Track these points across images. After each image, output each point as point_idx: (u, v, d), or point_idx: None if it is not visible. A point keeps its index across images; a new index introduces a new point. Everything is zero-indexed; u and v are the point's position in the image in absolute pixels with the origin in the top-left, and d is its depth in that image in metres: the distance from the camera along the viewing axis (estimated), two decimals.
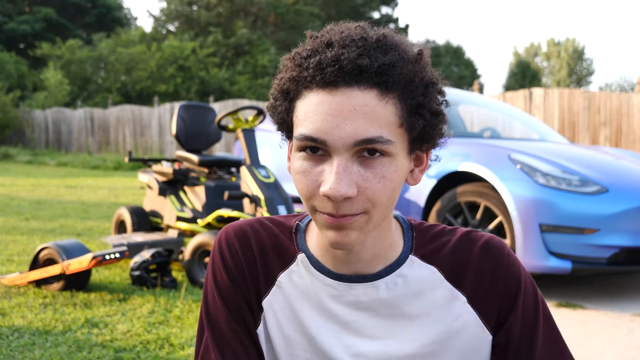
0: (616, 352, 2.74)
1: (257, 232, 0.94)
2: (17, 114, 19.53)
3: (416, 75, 0.78)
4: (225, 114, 4.06)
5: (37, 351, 2.46)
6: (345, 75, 0.75)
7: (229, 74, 23.32)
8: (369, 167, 0.77)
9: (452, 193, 3.88)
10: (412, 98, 0.78)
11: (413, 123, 0.78)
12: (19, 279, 3.44)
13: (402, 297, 0.88)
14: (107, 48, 24.31)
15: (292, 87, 0.81)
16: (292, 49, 0.84)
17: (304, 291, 0.90)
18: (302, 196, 0.81)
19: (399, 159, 0.79)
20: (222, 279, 0.93)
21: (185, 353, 2.49)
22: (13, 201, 7.88)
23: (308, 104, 0.78)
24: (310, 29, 0.85)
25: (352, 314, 0.88)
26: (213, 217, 3.83)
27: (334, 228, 0.79)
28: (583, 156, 4.12)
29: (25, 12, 29.29)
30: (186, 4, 27.35)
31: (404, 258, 0.90)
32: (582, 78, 46.95)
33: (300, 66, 0.79)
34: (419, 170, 0.87)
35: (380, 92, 0.76)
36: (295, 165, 0.81)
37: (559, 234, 3.42)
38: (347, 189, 0.75)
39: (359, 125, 0.75)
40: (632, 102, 9.20)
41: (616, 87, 45.09)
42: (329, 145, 0.76)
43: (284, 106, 0.83)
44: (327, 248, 0.88)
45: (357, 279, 0.88)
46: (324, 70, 0.76)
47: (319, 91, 0.77)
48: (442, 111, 0.82)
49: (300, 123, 0.79)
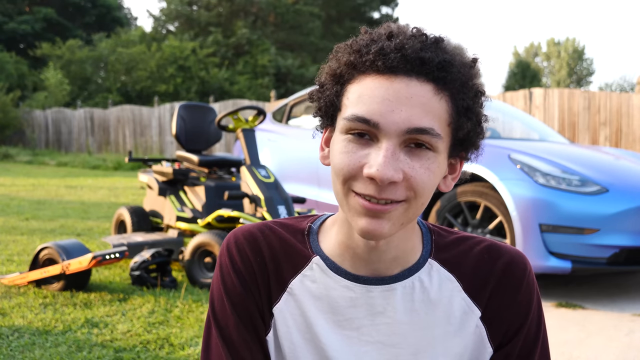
0: (616, 352, 2.73)
1: (268, 237, 0.92)
2: (17, 114, 19.54)
3: (470, 79, 0.80)
4: (225, 114, 4.06)
5: (37, 351, 2.46)
6: (407, 64, 0.76)
7: (229, 74, 23.32)
8: (416, 157, 0.77)
9: (452, 193, 3.88)
10: (463, 100, 0.79)
11: (461, 125, 0.79)
12: (19, 279, 3.44)
13: (418, 303, 0.87)
14: (107, 48, 24.31)
15: (346, 71, 0.80)
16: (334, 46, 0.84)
17: (316, 296, 0.88)
18: (340, 176, 0.79)
19: (441, 157, 0.80)
20: (233, 284, 0.89)
21: (185, 353, 2.49)
22: (13, 201, 7.88)
23: (364, 87, 0.78)
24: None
25: (366, 319, 0.87)
26: (213, 217, 3.83)
27: (369, 215, 0.77)
28: (583, 156, 4.12)
29: (25, 12, 29.28)
30: (186, 4, 27.33)
31: (422, 262, 0.89)
32: (582, 78, 46.96)
33: (359, 52, 0.79)
34: (452, 177, 0.87)
35: (436, 87, 0.77)
36: (338, 147, 0.80)
37: (559, 234, 3.42)
38: (393, 173, 0.75)
39: (414, 113, 0.75)
40: (632, 102, 9.20)
41: (616, 87, 45.08)
42: (381, 128, 0.75)
43: (334, 89, 0.82)
44: (346, 247, 0.87)
45: (375, 282, 0.86)
46: (387, 56, 0.76)
47: (377, 76, 0.77)
48: (483, 123, 0.83)
49: (353, 105, 0.78)
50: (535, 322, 0.90)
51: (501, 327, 0.88)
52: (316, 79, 0.86)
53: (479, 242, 0.92)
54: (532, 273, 0.91)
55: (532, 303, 0.90)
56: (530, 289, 0.90)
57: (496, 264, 0.89)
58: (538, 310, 0.91)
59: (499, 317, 0.88)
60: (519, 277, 0.89)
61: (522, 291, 0.89)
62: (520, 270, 0.89)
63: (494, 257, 0.90)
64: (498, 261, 0.89)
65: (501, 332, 0.88)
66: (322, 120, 0.87)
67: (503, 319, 0.88)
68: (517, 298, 0.88)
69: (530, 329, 0.89)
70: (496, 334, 0.88)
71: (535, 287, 0.91)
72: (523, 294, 0.89)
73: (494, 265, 0.89)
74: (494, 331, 0.88)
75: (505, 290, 0.88)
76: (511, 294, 0.88)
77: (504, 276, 0.89)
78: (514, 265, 0.89)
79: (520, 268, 0.90)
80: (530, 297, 0.89)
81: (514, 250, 0.92)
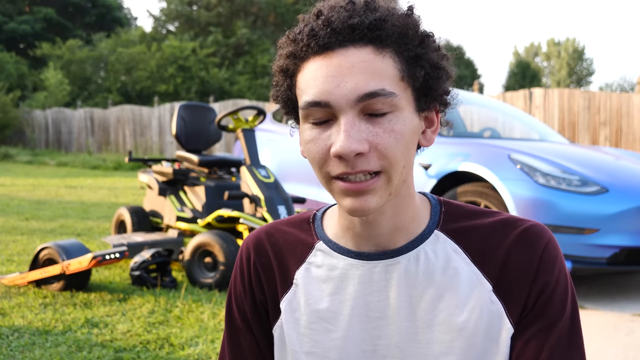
0: (616, 352, 2.74)
1: (271, 236, 0.95)
2: (17, 114, 19.54)
3: (409, 28, 0.78)
4: (225, 114, 4.06)
5: (37, 351, 2.46)
6: (338, 36, 0.76)
7: (229, 74, 23.32)
8: (377, 124, 0.76)
9: (452, 193, 3.88)
10: (408, 50, 0.78)
11: (414, 74, 0.78)
12: (19, 279, 3.44)
13: (423, 276, 0.84)
14: (107, 48, 24.32)
15: (290, 63, 0.81)
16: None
17: (322, 280, 0.89)
18: (315, 166, 0.80)
19: (406, 113, 0.78)
20: (238, 292, 0.96)
21: (185, 353, 2.49)
22: (13, 201, 7.88)
23: (308, 73, 0.78)
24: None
25: (372, 295, 0.85)
26: (213, 217, 3.83)
27: (351, 195, 0.77)
28: (583, 156, 4.12)
29: (25, 12, 29.30)
30: (186, 4, 27.34)
31: (428, 233, 0.86)
32: (582, 78, 46.93)
33: (294, 41, 0.80)
34: (431, 131, 0.86)
35: (375, 47, 0.76)
36: (304, 136, 0.80)
37: (559, 234, 3.42)
38: (357, 145, 0.74)
39: (359, 80, 0.75)
40: (632, 102, 9.20)
41: (616, 87, 45.10)
42: (333, 105, 0.75)
43: (285, 84, 0.83)
44: (347, 226, 0.87)
45: (378, 256, 0.85)
46: (317, 36, 0.76)
47: (316, 58, 0.77)
48: (443, 65, 0.81)
49: (303, 93, 0.79)
50: (559, 299, 0.82)
51: (518, 301, 0.82)
52: (272, 81, 0.87)
53: (495, 214, 0.88)
54: (553, 244, 0.84)
55: (551, 276, 0.82)
56: (550, 261, 0.82)
57: (509, 234, 0.84)
58: (564, 285, 0.83)
59: (514, 290, 0.82)
60: (534, 247, 0.83)
61: (538, 263, 0.82)
62: (535, 239, 0.83)
63: (508, 227, 0.85)
64: (512, 231, 0.84)
65: (519, 307, 0.82)
66: (289, 117, 0.88)
67: (519, 293, 0.82)
68: (533, 270, 0.82)
69: (552, 306, 0.82)
70: (514, 309, 0.82)
71: (559, 259, 0.84)
72: (540, 266, 0.82)
73: (506, 235, 0.84)
74: (511, 306, 0.82)
75: (518, 262, 0.83)
76: (526, 266, 0.82)
77: (516, 245, 0.83)
78: (528, 234, 0.84)
79: (537, 238, 0.83)
80: (549, 269, 0.82)
81: (532, 221, 0.86)
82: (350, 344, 0.86)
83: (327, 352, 0.87)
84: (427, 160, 4.07)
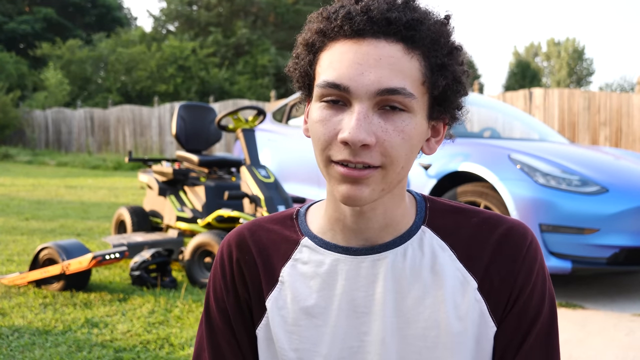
0: (616, 352, 2.73)
1: (254, 233, 0.94)
2: (17, 114, 19.54)
3: (442, 36, 0.79)
4: (225, 114, 4.06)
5: (37, 351, 2.47)
6: (373, 25, 0.76)
7: (229, 74, 23.32)
8: (389, 120, 0.76)
9: (452, 193, 3.88)
10: (436, 57, 0.78)
11: (435, 82, 0.78)
12: (19, 279, 3.44)
13: (410, 271, 0.85)
14: (107, 48, 24.31)
15: (317, 39, 0.81)
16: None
17: (309, 277, 0.88)
18: (318, 147, 0.80)
19: (419, 117, 0.79)
20: (219, 289, 0.94)
21: (185, 353, 2.49)
22: (13, 201, 7.88)
23: (333, 53, 0.78)
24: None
25: (359, 290, 0.85)
26: (213, 217, 3.83)
27: (348, 181, 0.77)
28: (583, 156, 4.12)
29: (25, 12, 29.30)
30: (186, 4, 27.33)
31: (415, 229, 0.87)
32: (582, 78, 46.92)
33: (327, 19, 0.80)
34: (435, 140, 0.86)
35: (406, 46, 0.77)
36: (313, 115, 0.80)
37: (559, 234, 3.42)
38: (365, 136, 0.74)
39: (384, 74, 0.75)
40: (632, 102, 9.20)
41: (616, 87, 45.09)
42: (352, 91, 0.75)
43: (307, 59, 0.83)
44: (336, 220, 0.87)
45: (366, 251, 0.86)
46: (353, 20, 0.76)
47: (346, 41, 0.77)
48: (463, 80, 0.82)
49: (324, 71, 0.79)
50: (537, 298, 0.85)
51: (500, 299, 0.85)
52: (292, 53, 0.87)
53: (479, 213, 0.89)
54: (535, 245, 0.87)
55: (531, 276, 0.85)
56: (531, 261, 0.85)
57: (493, 233, 0.86)
58: (542, 285, 0.86)
59: (497, 289, 0.84)
60: (517, 247, 0.85)
61: (521, 262, 0.85)
62: (519, 240, 0.86)
63: (493, 226, 0.87)
64: (496, 230, 0.86)
65: (501, 306, 0.85)
66: (300, 92, 0.88)
67: (502, 292, 0.84)
68: (515, 269, 0.84)
69: (530, 305, 0.85)
70: (496, 308, 0.85)
71: (539, 259, 0.87)
72: (522, 266, 0.85)
73: (491, 234, 0.86)
74: (493, 305, 0.85)
75: (502, 261, 0.85)
76: (509, 265, 0.85)
77: (501, 246, 0.85)
78: (512, 234, 0.86)
79: (520, 238, 0.86)
80: (530, 269, 0.85)
81: (515, 220, 0.89)
82: (338, 339, 0.87)
83: (315, 348, 0.87)
84: (427, 160, 4.07)
